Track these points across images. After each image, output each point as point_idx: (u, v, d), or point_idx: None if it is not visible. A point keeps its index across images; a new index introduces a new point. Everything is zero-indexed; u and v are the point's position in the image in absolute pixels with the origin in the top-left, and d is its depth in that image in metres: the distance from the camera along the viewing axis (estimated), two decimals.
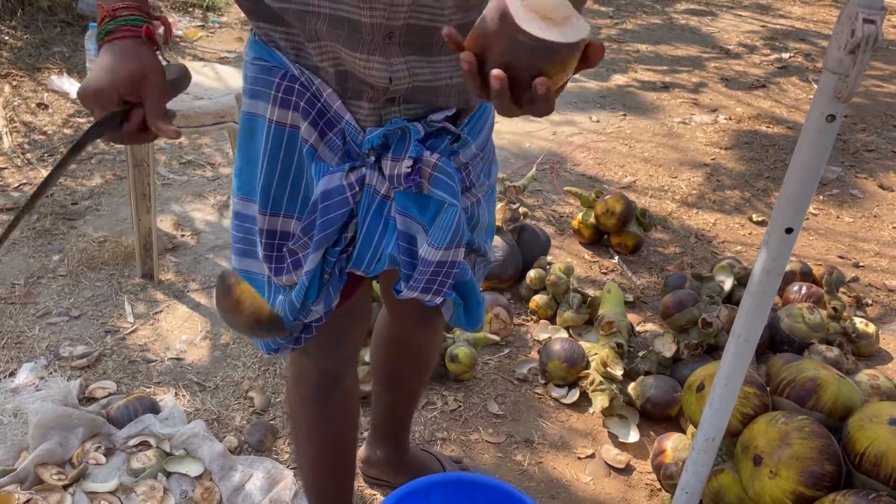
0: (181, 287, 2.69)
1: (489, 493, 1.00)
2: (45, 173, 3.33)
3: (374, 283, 1.78)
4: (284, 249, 1.24)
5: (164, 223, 3.05)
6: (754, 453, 1.05)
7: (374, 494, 1.97)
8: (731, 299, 2.64)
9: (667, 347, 2.42)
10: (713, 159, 4.03)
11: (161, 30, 1.12)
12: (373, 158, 1.17)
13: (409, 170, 1.15)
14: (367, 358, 2.28)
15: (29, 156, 3.48)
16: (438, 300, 1.31)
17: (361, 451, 1.99)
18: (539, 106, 0.86)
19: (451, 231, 1.18)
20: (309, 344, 1.35)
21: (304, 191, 1.22)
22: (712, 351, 2.45)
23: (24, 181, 3.27)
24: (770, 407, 1.13)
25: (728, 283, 2.65)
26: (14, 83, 4.11)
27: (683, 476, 1.06)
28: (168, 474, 1.96)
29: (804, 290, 2.67)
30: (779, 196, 0.87)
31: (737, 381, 0.99)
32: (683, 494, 1.08)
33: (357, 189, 1.18)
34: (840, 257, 3.24)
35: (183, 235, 3.00)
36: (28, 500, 1.77)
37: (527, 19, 0.83)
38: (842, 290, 2.77)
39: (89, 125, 1.09)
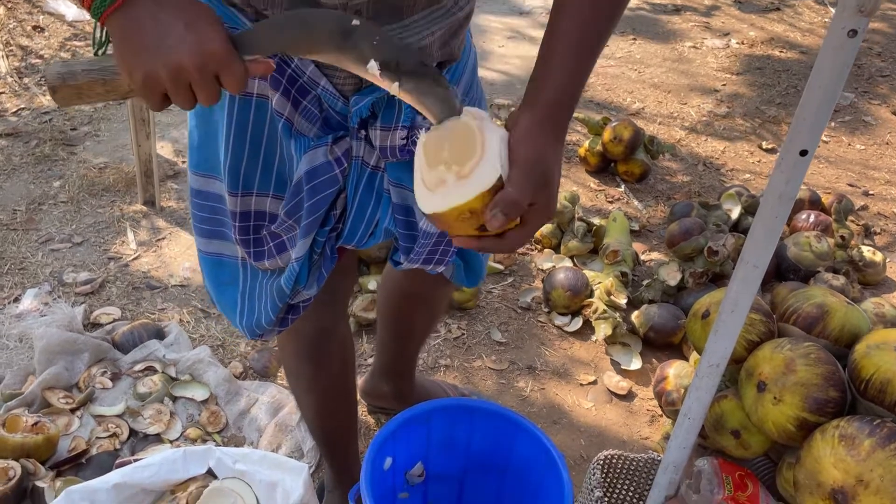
0: (183, 214, 2.67)
1: (490, 417, 1.00)
2: (42, 98, 3.28)
3: None
4: (264, 232, 1.13)
5: (165, 149, 3.01)
6: (758, 379, 1.04)
7: (379, 420, 1.99)
8: (738, 228, 2.61)
9: (671, 276, 2.41)
10: (724, 85, 3.95)
11: None
12: (358, 127, 1.06)
13: (405, 141, 1.05)
14: (371, 286, 2.27)
15: (26, 80, 3.42)
16: (441, 269, 1.26)
17: (365, 383, 1.98)
18: (490, 246, 0.85)
19: None
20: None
21: (277, 165, 1.10)
22: (717, 280, 2.44)
23: (22, 106, 3.22)
24: (776, 334, 1.12)
25: (735, 212, 2.62)
26: (9, 5, 4.01)
27: (686, 401, 1.06)
28: (174, 399, 1.98)
29: (812, 218, 2.64)
30: (794, 116, 0.84)
31: (744, 308, 0.97)
32: (685, 420, 1.07)
33: (345, 164, 1.06)
34: (850, 185, 3.20)
35: (183, 162, 2.96)
36: (36, 423, 1.79)
37: (420, 192, 0.83)
38: (850, 218, 2.74)
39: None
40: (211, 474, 1.62)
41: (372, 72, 0.79)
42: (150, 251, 2.49)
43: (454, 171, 0.81)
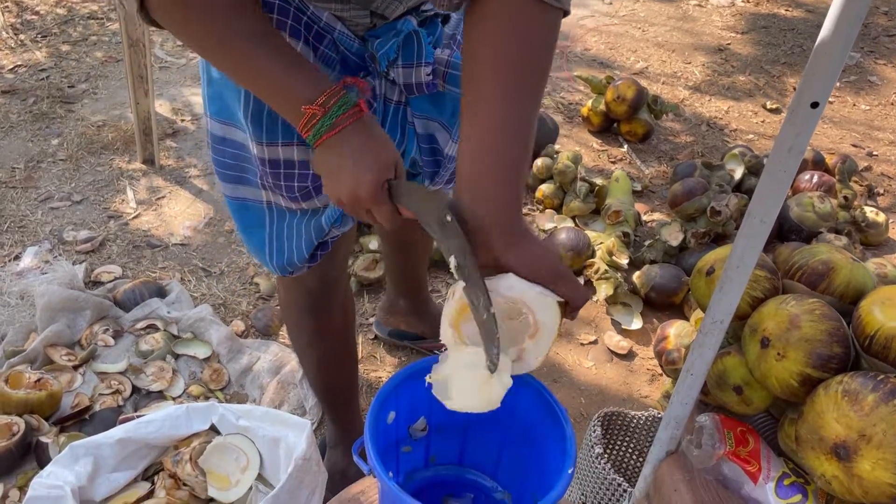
0: (182, 173, 2.65)
1: None
2: (39, 55, 3.24)
3: None
4: (295, 182, 1.16)
5: (163, 108, 2.98)
6: (762, 336, 1.04)
7: (381, 379, 2.00)
8: (741, 188, 2.60)
9: (673, 236, 2.40)
10: (728, 44, 3.90)
11: (359, 93, 1.01)
12: (378, 66, 1.11)
13: (430, 76, 1.10)
14: (371, 246, 2.27)
15: (22, 37, 3.37)
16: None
17: (381, 308, 2.03)
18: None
19: None
20: None
21: None
22: (719, 240, 2.44)
23: (19, 63, 3.18)
24: (780, 290, 1.12)
25: (738, 172, 2.60)
26: None
27: (689, 358, 1.06)
28: (176, 356, 1.99)
29: (815, 178, 2.62)
30: (806, 68, 0.83)
31: (749, 264, 0.96)
32: (688, 376, 1.07)
33: (374, 104, 1.12)
34: (854, 146, 3.17)
35: (182, 121, 2.94)
36: (39, 380, 1.80)
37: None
38: (854, 178, 2.73)
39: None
40: (214, 430, 1.63)
41: (451, 265, 0.89)
42: (149, 210, 2.48)
43: (523, 346, 0.92)
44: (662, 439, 1.17)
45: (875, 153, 3.13)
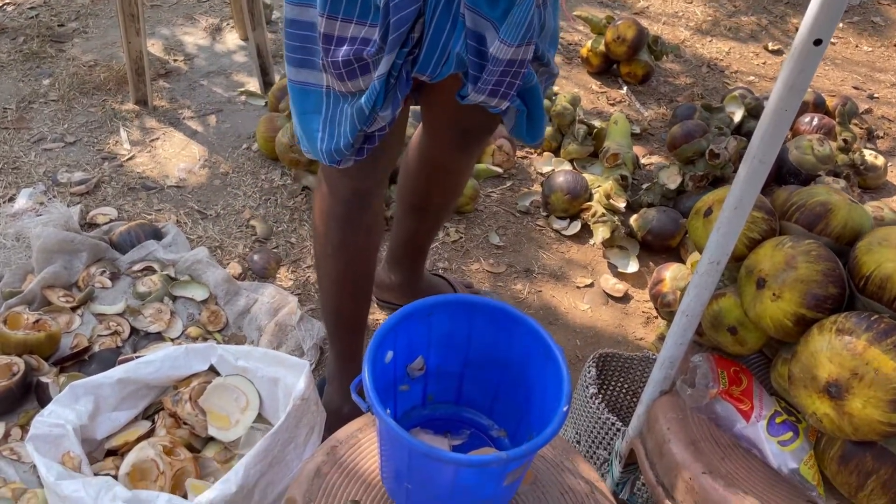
0: (176, 114, 2.62)
1: (490, 314, 1.00)
2: None
3: None
4: (351, 56, 1.18)
5: (155, 47, 2.93)
6: (758, 276, 1.04)
7: (378, 321, 2.01)
8: (741, 131, 2.58)
9: (672, 179, 2.39)
10: None
11: None
12: None
13: None
14: None
15: None
16: (504, 105, 1.29)
17: (376, 275, 2.00)
18: None
19: (525, 26, 1.14)
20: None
21: None
22: (717, 183, 2.43)
23: (7, 0, 3.11)
24: (777, 232, 1.12)
25: (738, 115, 2.58)
26: None
27: (685, 299, 1.06)
28: (174, 298, 1.99)
29: (815, 121, 2.60)
30: (810, 4, 0.81)
31: (747, 204, 0.96)
32: (683, 317, 1.08)
33: None
34: (855, 88, 3.14)
35: (175, 60, 2.89)
36: (38, 321, 1.81)
37: None
38: (854, 121, 2.71)
39: None
40: (213, 371, 1.64)
41: None
42: (143, 151, 2.45)
43: None
44: (656, 379, 1.19)
45: (876, 96, 3.11)
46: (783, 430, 1.07)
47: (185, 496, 1.47)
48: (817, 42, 0.82)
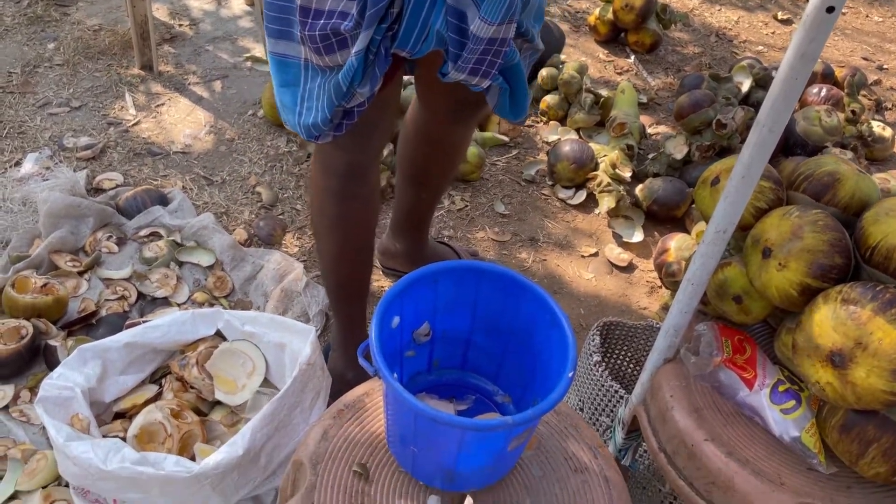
0: (181, 79, 2.61)
1: (497, 280, 1.01)
2: None
3: None
4: (329, 30, 1.17)
5: (160, 12, 2.91)
6: (764, 246, 1.04)
7: (384, 287, 2.02)
8: (749, 101, 2.57)
9: (678, 149, 2.38)
10: None
11: None
12: None
13: None
14: None
15: None
16: (485, 84, 1.27)
17: (380, 244, 2.01)
18: None
19: (506, 4, 1.13)
20: (341, 134, 1.32)
21: None
22: (724, 153, 2.42)
23: None
24: (784, 202, 1.12)
25: (746, 84, 2.56)
26: None
27: (691, 268, 1.06)
28: (180, 264, 2.00)
29: (824, 92, 2.58)
30: None
31: (755, 173, 0.96)
32: (689, 286, 1.08)
33: None
34: (864, 59, 3.11)
35: (181, 25, 2.87)
36: (45, 284, 1.82)
37: None
38: (862, 92, 2.68)
39: None
40: (220, 336, 1.66)
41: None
42: (149, 117, 2.45)
43: None
44: (661, 347, 1.20)
45: (885, 67, 3.08)
46: (786, 398, 1.08)
47: (192, 459, 1.50)
48: (830, 9, 0.81)
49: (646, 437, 1.20)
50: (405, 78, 1.90)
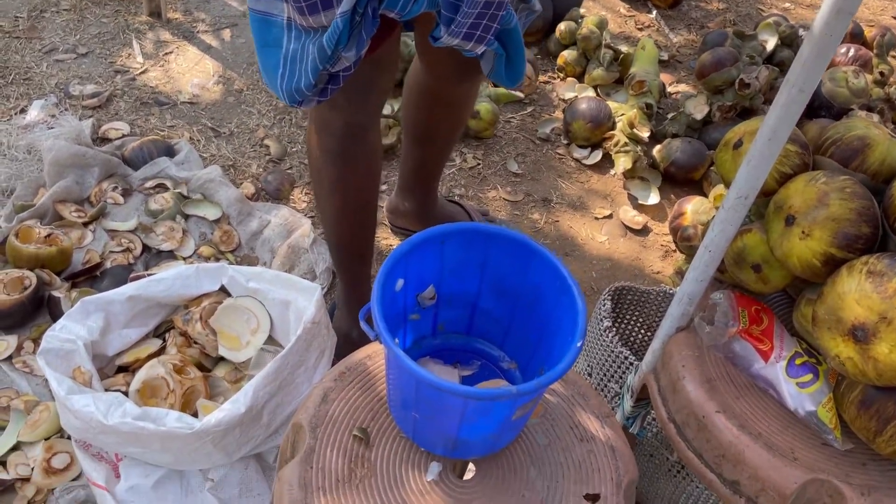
0: (190, 27, 2.55)
1: (505, 244, 0.97)
2: None
3: None
4: None
5: None
6: (787, 213, 1.00)
7: (392, 246, 1.99)
8: (773, 60, 2.48)
9: (698, 109, 2.31)
10: None
11: None
12: None
13: None
14: (385, 111, 2.20)
15: None
16: (480, 49, 1.20)
17: (388, 202, 1.97)
18: None
19: None
20: (336, 95, 1.25)
21: None
22: (745, 115, 2.35)
23: None
24: (810, 166, 1.06)
25: (771, 43, 2.48)
26: None
27: (709, 234, 1.02)
28: (186, 217, 1.97)
29: (852, 52, 2.49)
30: None
31: (782, 136, 0.91)
32: (706, 252, 1.04)
33: None
34: (894, 18, 3.00)
35: None
36: (49, 235, 1.79)
37: None
38: (892, 53, 2.59)
39: None
40: (224, 292, 1.63)
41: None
42: (157, 65, 2.40)
43: None
44: (674, 315, 1.16)
45: None
46: (803, 371, 1.04)
47: (195, 415, 1.48)
48: None
49: (655, 407, 1.17)
50: None
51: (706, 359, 1.13)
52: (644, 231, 2.11)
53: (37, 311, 1.72)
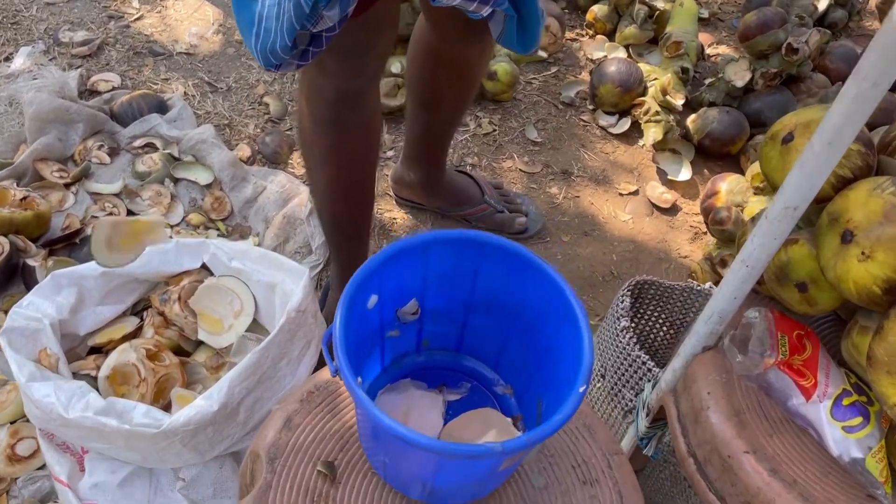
0: None
1: (501, 255, 0.81)
2: None
3: None
4: None
5: None
6: (844, 228, 0.83)
7: (395, 220, 1.83)
8: (825, 22, 2.26)
9: (739, 75, 2.11)
10: None
11: None
12: None
13: None
14: (394, 69, 2.02)
15: None
16: (486, 11, 1.03)
17: (393, 171, 1.82)
18: None
19: None
20: (326, 58, 1.09)
21: None
22: (791, 83, 2.14)
23: None
24: (874, 170, 0.89)
25: (823, 3, 2.26)
26: None
27: (747, 246, 0.85)
28: (175, 180, 1.83)
29: None
30: None
31: (846, 139, 0.74)
32: (743, 267, 0.88)
33: None
34: None
35: None
36: (25, 198, 1.66)
37: None
38: None
39: None
40: (206, 270, 1.50)
41: None
42: (153, 12, 2.23)
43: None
44: (700, 333, 1.00)
45: None
46: (851, 413, 0.88)
47: (169, 405, 1.36)
48: None
49: (673, 437, 1.02)
50: None
51: (735, 385, 0.98)
52: (672, 210, 1.94)
53: (10, 280, 1.61)
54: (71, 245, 1.68)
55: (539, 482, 0.88)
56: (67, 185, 1.78)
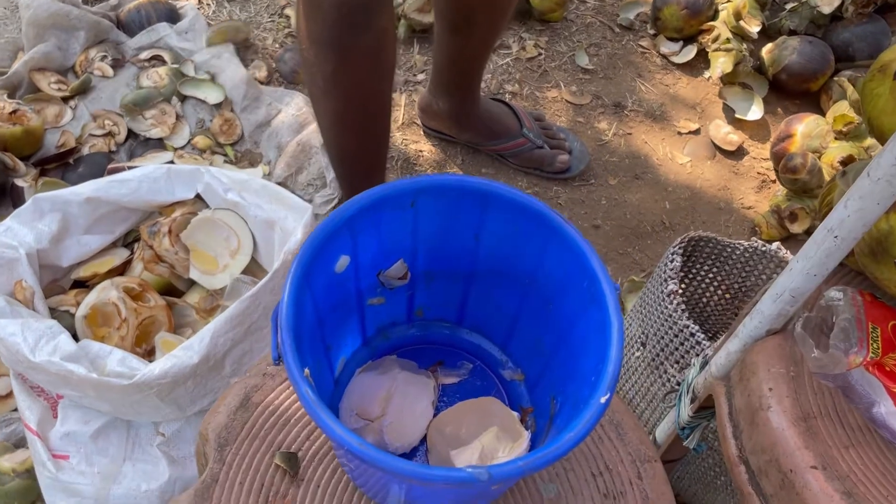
0: None
1: (513, 211, 0.63)
2: None
3: None
4: None
5: None
6: None
7: (422, 153, 1.64)
8: None
9: (826, 0, 1.83)
10: None
11: None
12: None
13: None
14: None
15: None
16: None
17: (421, 97, 1.62)
18: None
19: None
20: None
21: None
22: (886, 12, 1.86)
23: None
24: None
25: None
26: None
27: (838, 212, 0.66)
28: (182, 98, 1.66)
29: None
30: None
31: None
32: (830, 238, 0.68)
33: None
34: None
35: None
36: (15, 111, 1.52)
37: None
38: None
39: None
40: (202, 201, 1.34)
41: None
42: None
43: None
44: (765, 313, 0.80)
45: None
46: None
47: (152, 351, 1.23)
48: None
49: (721, 437, 0.84)
50: None
51: (805, 382, 0.79)
52: (738, 153, 1.70)
53: None
54: (64, 165, 1.54)
55: (550, 491, 0.71)
56: (66, 99, 1.63)
